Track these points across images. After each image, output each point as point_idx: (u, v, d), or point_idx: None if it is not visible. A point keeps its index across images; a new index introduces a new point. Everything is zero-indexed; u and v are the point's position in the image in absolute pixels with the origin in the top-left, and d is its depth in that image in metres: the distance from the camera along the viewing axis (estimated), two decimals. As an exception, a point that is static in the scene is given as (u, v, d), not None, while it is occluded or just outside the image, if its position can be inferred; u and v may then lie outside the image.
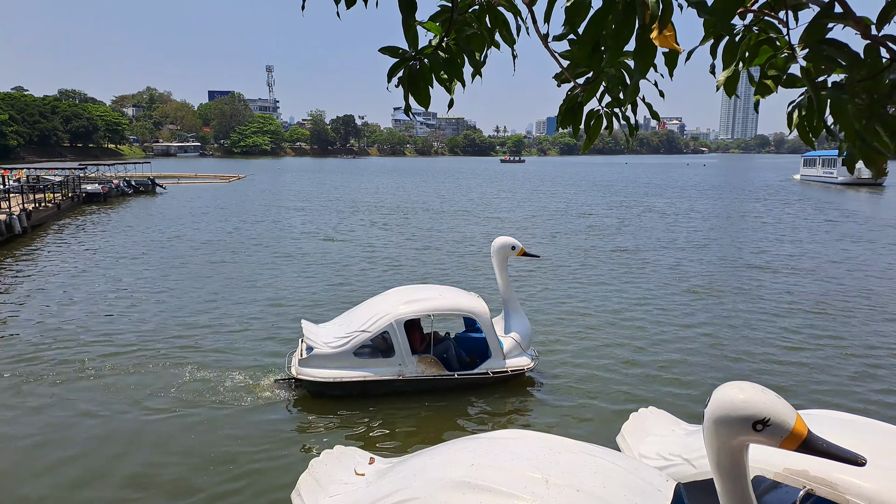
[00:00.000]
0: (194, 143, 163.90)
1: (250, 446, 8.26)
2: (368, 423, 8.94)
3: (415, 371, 9.57)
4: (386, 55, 2.19)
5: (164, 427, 8.82)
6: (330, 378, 9.34)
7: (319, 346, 9.48)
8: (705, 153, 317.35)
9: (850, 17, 1.71)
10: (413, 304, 9.61)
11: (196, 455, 8.05)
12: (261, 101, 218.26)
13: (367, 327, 9.44)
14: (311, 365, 9.43)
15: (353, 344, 9.39)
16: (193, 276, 18.31)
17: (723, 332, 13.11)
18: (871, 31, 1.73)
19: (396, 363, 9.52)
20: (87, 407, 9.43)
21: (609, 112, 2.36)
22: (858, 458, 3.10)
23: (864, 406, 9.48)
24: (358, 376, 9.41)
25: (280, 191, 53.81)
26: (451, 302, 9.78)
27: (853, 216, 35.42)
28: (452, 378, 9.72)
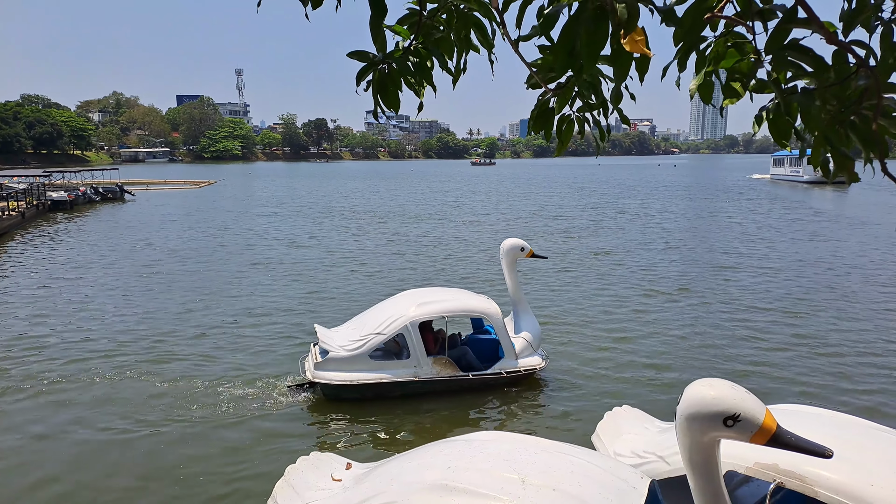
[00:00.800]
0: (163, 149, 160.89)
1: (267, 449, 8.28)
2: (384, 425, 9.00)
3: (430, 372, 9.65)
4: (354, 59, 2.18)
5: (182, 434, 8.75)
6: (346, 381, 9.38)
7: (334, 349, 9.52)
8: (676, 154, 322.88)
9: (813, 23, 1.74)
10: (427, 306, 9.69)
11: (213, 461, 8.00)
12: (231, 105, 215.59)
13: (381, 329, 9.50)
14: (327, 368, 9.47)
15: (369, 346, 9.45)
16: (168, 284, 17.97)
17: (697, 331, 13.34)
18: (837, 36, 1.77)
19: (412, 365, 9.61)
20: (90, 420, 9.19)
21: (581, 117, 2.38)
22: (825, 451, 3.17)
23: (830, 400, 9.72)
24: (374, 378, 9.47)
25: (252, 196, 53.16)
26: (464, 304, 9.94)
27: (820, 214, 36.37)
28: (467, 378, 9.83)
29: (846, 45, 1.77)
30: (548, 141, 2.40)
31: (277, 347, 12.41)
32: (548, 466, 4.12)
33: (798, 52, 1.83)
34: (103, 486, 7.47)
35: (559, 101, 2.22)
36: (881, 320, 14.04)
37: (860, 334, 13.03)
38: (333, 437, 8.75)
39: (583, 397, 10.01)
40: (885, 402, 9.71)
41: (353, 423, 9.09)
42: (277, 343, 12.68)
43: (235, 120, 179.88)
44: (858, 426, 4.81)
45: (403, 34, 2.23)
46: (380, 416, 9.27)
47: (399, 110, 2.25)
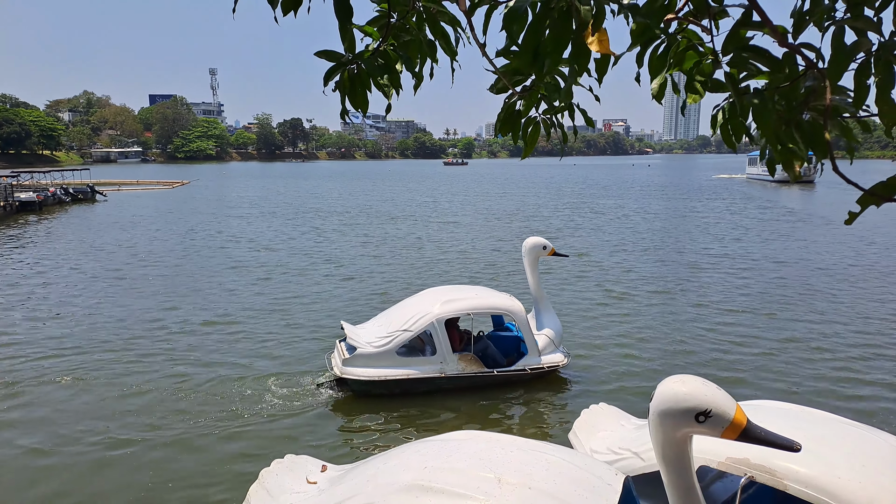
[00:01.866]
0: (135, 149, 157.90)
1: (302, 445, 8.35)
2: (412, 420, 9.17)
3: (456, 369, 9.81)
4: (323, 59, 2.16)
5: (219, 433, 8.76)
6: (374, 377, 9.54)
7: (362, 345, 9.63)
8: (650, 154, 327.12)
9: (766, 25, 1.79)
10: (452, 304, 9.83)
11: (245, 458, 8.03)
12: (204, 104, 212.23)
13: (408, 326, 9.63)
14: (355, 364, 9.61)
15: (396, 343, 9.59)
16: (145, 286, 17.65)
17: (670, 328, 13.52)
18: (788, 39, 1.81)
19: (438, 361, 9.76)
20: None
21: (546, 119, 2.40)
22: (794, 445, 3.23)
23: (799, 395, 9.95)
24: (401, 374, 9.63)
25: (227, 196, 52.46)
26: (489, 301, 10.08)
27: (788, 213, 37.16)
28: (491, 375, 9.99)
29: (796, 47, 1.82)
30: (515, 143, 2.42)
31: (298, 344, 12.50)
32: (523, 465, 4.14)
33: (754, 53, 1.88)
34: (126, 489, 7.43)
35: (526, 104, 2.23)
36: (849, 317, 14.40)
37: (829, 331, 13.34)
38: (359, 433, 8.87)
39: (597, 394, 10.07)
40: (854, 396, 9.95)
41: (379, 418, 9.22)
42: (296, 341, 12.73)
43: (209, 120, 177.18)
44: (825, 420, 4.92)
45: (374, 35, 2.22)
46: (405, 412, 9.43)
47: (367, 111, 2.24)
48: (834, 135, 1.95)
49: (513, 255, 22.83)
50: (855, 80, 1.85)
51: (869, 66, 1.81)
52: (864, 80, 1.85)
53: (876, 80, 1.81)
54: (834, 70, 1.77)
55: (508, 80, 2.22)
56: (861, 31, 1.77)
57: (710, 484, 5.56)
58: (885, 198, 1.74)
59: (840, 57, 1.75)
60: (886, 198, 1.74)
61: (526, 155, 2.44)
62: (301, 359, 11.68)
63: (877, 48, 1.79)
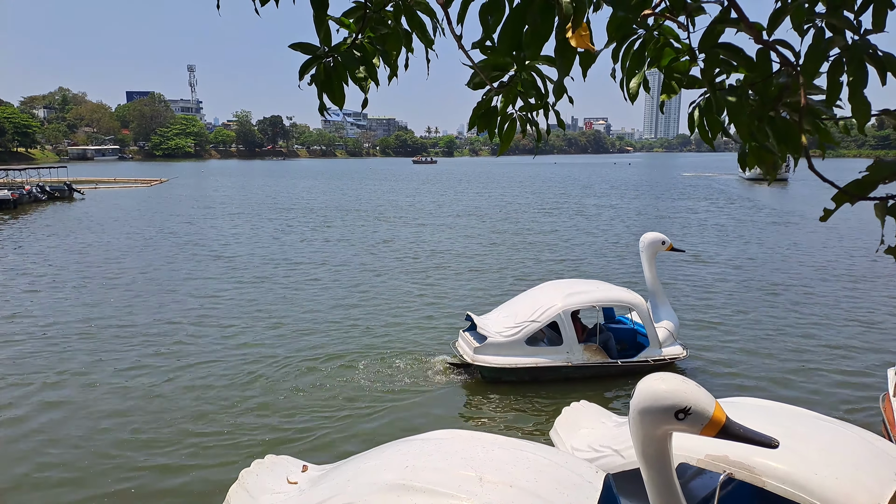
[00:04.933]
0: (112, 147, 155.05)
1: (432, 420, 8.99)
2: (539, 408, 9.42)
3: (581, 358, 10.16)
4: (298, 51, 2.12)
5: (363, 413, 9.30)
6: (505, 364, 9.95)
7: (492, 335, 10.03)
8: (631, 152, 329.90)
9: (743, 23, 1.79)
10: (577, 296, 10.20)
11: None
12: (183, 101, 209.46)
13: (536, 317, 10.01)
14: (487, 352, 10.02)
15: (525, 333, 9.96)
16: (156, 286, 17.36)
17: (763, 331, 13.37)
18: (763, 36, 1.82)
19: (564, 351, 10.13)
20: None
21: (523, 116, 2.38)
22: (772, 441, 3.26)
23: (777, 393, 10.09)
24: (530, 363, 10.03)
25: (207, 195, 51.81)
26: (613, 294, 10.47)
27: (765, 210, 37.73)
28: (615, 365, 10.31)
29: (770, 44, 1.83)
30: (492, 139, 2.40)
31: (423, 333, 13.10)
32: (504, 463, 4.13)
33: (730, 52, 1.89)
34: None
35: (504, 99, 2.21)
36: (826, 313, 14.65)
37: (806, 329, 13.55)
38: (483, 414, 9.38)
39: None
40: (829, 393, 10.11)
41: (502, 403, 9.64)
42: (420, 330, 13.30)
43: (188, 117, 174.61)
44: (802, 417, 4.99)
45: (350, 27, 2.18)
46: (528, 398, 9.78)
47: (343, 105, 2.20)
48: (809, 135, 1.96)
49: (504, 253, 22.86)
50: (828, 78, 1.86)
51: (842, 63, 1.82)
52: (837, 78, 1.86)
53: (849, 78, 1.83)
54: (809, 66, 1.78)
55: (486, 75, 2.19)
56: (838, 30, 1.78)
57: (690, 481, 5.61)
58: (858, 196, 1.75)
59: (815, 54, 1.76)
60: (860, 196, 1.75)
61: (502, 151, 2.43)
62: (425, 346, 12.29)
63: (850, 46, 1.80)
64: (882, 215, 1.73)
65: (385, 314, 14.58)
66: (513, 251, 23.43)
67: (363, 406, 9.59)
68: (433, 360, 11.23)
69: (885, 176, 1.70)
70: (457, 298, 16.07)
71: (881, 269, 19.27)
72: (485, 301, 15.49)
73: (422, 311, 14.93)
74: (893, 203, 1.71)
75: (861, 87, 1.82)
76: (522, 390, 10.01)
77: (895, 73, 1.77)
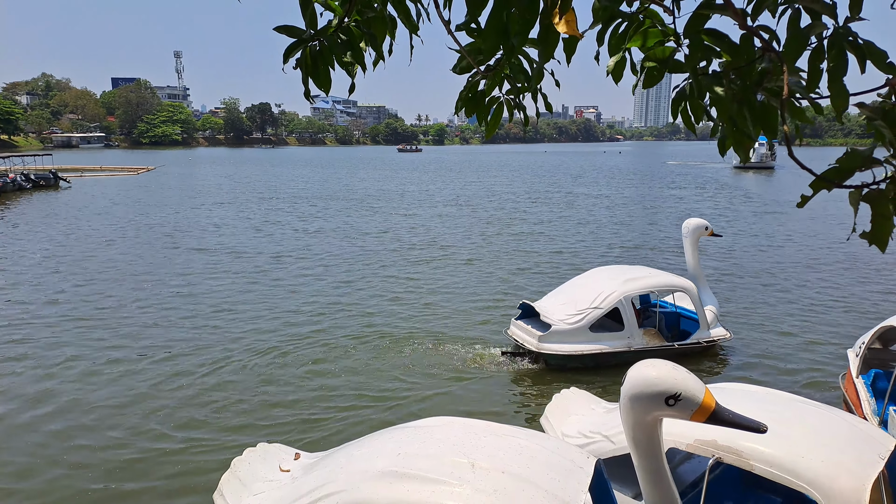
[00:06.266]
0: (98, 134, 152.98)
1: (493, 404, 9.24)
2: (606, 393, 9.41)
3: (641, 342, 10.37)
4: (282, 34, 2.08)
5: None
6: (571, 351, 10.10)
7: (556, 322, 10.17)
8: (621, 141, 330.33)
9: (729, 8, 1.80)
10: (634, 282, 10.42)
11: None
12: (169, 88, 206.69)
13: (598, 304, 10.18)
14: (552, 340, 10.16)
15: (589, 320, 10.13)
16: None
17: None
18: (747, 21, 1.82)
19: (626, 336, 10.32)
20: None
21: (510, 100, 2.36)
22: (760, 426, 3.30)
23: (765, 378, 10.21)
24: (595, 349, 10.21)
25: (197, 183, 51.36)
26: (667, 279, 10.71)
27: (759, 199, 38.00)
28: (671, 348, 10.55)
29: (754, 29, 1.84)
30: (480, 124, 2.38)
31: (474, 318, 13.26)
32: (496, 450, 4.15)
33: (714, 37, 1.91)
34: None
35: (489, 83, 2.19)
36: (810, 298, 14.81)
37: (791, 315, 13.71)
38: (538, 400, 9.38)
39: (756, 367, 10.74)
40: (813, 379, 10.25)
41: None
42: (470, 316, 13.44)
43: (175, 104, 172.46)
44: (789, 401, 5.06)
45: (336, 11, 2.14)
46: (592, 382, 9.87)
47: (330, 90, 2.17)
48: (790, 120, 1.98)
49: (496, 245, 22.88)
50: (809, 65, 1.87)
51: (822, 50, 1.83)
52: (817, 65, 1.88)
53: (829, 65, 1.84)
54: (790, 52, 1.80)
55: (472, 59, 2.17)
56: (816, 14, 1.78)
57: (679, 465, 5.68)
58: (835, 183, 1.77)
59: (796, 40, 1.78)
60: (837, 183, 1.77)
61: (489, 136, 2.42)
62: (478, 332, 12.48)
63: (831, 34, 1.81)
64: (856, 203, 1.76)
65: (434, 299, 14.57)
66: (501, 243, 23.46)
67: (406, 391, 9.74)
68: (486, 351, 11.22)
69: (858, 165, 1.73)
70: (459, 288, 16.09)
71: (844, 256, 19.48)
72: (502, 290, 15.53)
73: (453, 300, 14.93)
74: (867, 191, 1.73)
75: (841, 75, 1.84)
76: (585, 375, 10.15)
77: (875, 62, 1.78)
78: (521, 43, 1.93)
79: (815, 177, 1.77)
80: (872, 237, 1.75)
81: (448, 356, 11.02)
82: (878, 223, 1.72)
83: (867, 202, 1.73)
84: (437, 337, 12.05)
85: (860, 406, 7.41)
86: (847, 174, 1.73)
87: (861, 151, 1.71)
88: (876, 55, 1.76)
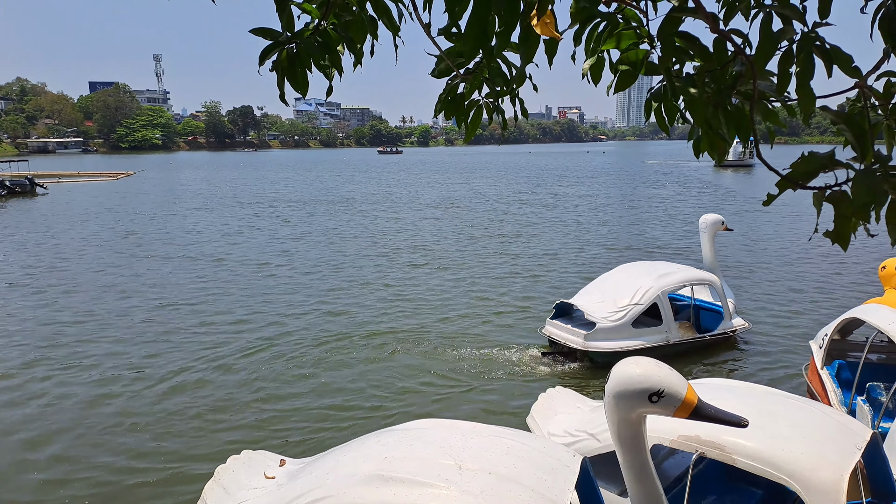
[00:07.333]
0: (75, 139, 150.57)
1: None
2: None
3: (677, 336, 10.65)
4: (258, 37, 2.07)
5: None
6: (617, 348, 10.17)
7: (600, 320, 10.32)
8: (604, 141, 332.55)
9: (700, 12, 1.83)
10: (667, 277, 10.74)
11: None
12: (149, 92, 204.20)
13: (637, 300, 10.37)
14: (597, 338, 10.30)
15: (631, 316, 10.33)
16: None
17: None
18: (720, 24, 1.86)
19: (664, 330, 10.57)
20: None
21: (489, 103, 2.38)
22: (741, 421, 3.35)
23: (745, 372, 10.36)
24: (637, 345, 10.31)
25: (178, 188, 50.81)
26: (695, 273, 11.05)
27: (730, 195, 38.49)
28: (703, 339, 10.96)
29: (726, 33, 1.88)
30: (459, 127, 2.39)
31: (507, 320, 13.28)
32: (483, 451, 4.16)
33: (686, 40, 1.94)
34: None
35: (469, 87, 2.20)
36: (785, 293, 15.04)
37: (768, 311, 13.90)
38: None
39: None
40: (781, 370, 10.45)
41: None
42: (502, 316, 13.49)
43: (155, 108, 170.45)
44: (769, 395, 5.13)
45: (313, 13, 2.14)
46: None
47: (307, 94, 2.17)
48: (761, 122, 2.02)
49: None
50: (779, 68, 1.92)
51: (792, 54, 1.88)
52: (786, 68, 1.93)
53: (797, 69, 1.89)
54: (760, 56, 1.84)
55: (452, 61, 2.18)
56: (787, 19, 1.83)
57: (663, 461, 5.74)
58: (800, 184, 1.81)
59: (766, 44, 1.83)
60: (801, 184, 1.81)
61: (469, 138, 2.43)
62: (515, 332, 12.52)
63: (799, 38, 1.86)
64: (819, 204, 1.81)
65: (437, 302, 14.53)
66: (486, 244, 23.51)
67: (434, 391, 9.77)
68: (525, 352, 11.26)
69: (814, 168, 1.78)
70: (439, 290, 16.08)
71: (816, 251, 19.85)
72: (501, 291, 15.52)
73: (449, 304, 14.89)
74: (830, 192, 1.78)
75: (808, 79, 1.89)
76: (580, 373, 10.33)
77: (840, 66, 1.84)
78: (502, 46, 1.94)
79: (781, 177, 1.81)
80: (835, 236, 1.80)
81: (446, 359, 11.01)
82: (840, 223, 1.77)
83: (830, 203, 1.78)
84: (431, 340, 12.03)
85: (826, 397, 7.57)
86: (810, 175, 1.78)
87: (819, 155, 1.76)
88: (842, 59, 1.81)
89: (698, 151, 2.15)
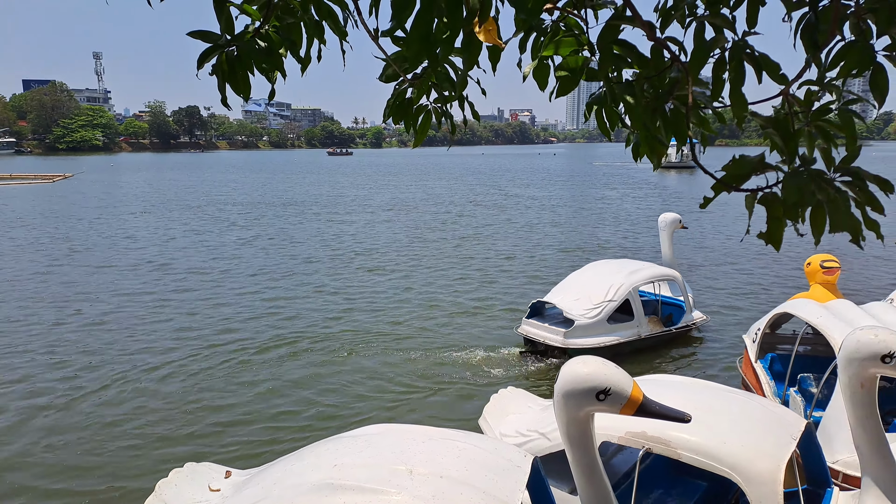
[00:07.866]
0: (8, 139, 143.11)
1: None
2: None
3: (647, 330, 10.96)
4: (197, 40, 2.01)
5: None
6: (595, 344, 10.34)
7: (578, 318, 10.46)
8: (554, 143, 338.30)
9: (637, 20, 1.89)
10: (637, 274, 11.00)
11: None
12: (88, 91, 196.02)
13: (612, 297, 10.59)
14: (576, 335, 10.42)
15: (606, 312, 10.54)
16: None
17: None
18: (656, 33, 1.92)
19: (635, 325, 10.85)
20: None
21: (437, 108, 2.38)
22: (685, 416, 3.45)
23: (684, 365, 10.72)
24: (613, 340, 10.57)
25: (118, 191, 48.87)
26: (660, 269, 11.43)
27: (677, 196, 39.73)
28: (670, 332, 11.35)
29: (662, 41, 1.95)
30: (407, 131, 2.39)
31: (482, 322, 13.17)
32: (434, 455, 4.14)
33: (625, 48, 2.00)
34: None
35: (417, 91, 2.20)
36: (726, 289, 15.62)
37: (706, 306, 14.42)
38: None
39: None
40: (727, 364, 10.83)
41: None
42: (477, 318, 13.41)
43: (95, 107, 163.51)
44: (710, 389, 5.32)
45: (254, 15, 2.09)
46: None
47: (249, 97, 2.12)
48: (695, 126, 2.10)
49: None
50: (712, 75, 2.01)
51: (724, 61, 1.96)
52: (720, 75, 2.01)
53: (730, 76, 1.98)
54: (694, 63, 1.91)
55: (399, 66, 2.17)
56: (718, 28, 1.91)
57: (612, 457, 5.87)
58: (733, 187, 1.88)
59: (700, 52, 1.91)
60: (735, 187, 1.88)
61: (417, 144, 2.43)
62: (470, 334, 12.52)
63: (731, 46, 1.94)
64: (751, 206, 1.89)
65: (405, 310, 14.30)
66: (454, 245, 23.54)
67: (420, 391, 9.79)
68: (500, 351, 11.29)
69: (746, 171, 1.85)
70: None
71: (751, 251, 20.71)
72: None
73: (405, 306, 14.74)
74: (762, 195, 1.85)
75: (739, 85, 1.98)
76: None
77: (769, 73, 1.93)
78: (446, 52, 1.94)
79: (716, 180, 1.88)
80: (768, 237, 1.87)
81: (400, 363, 10.95)
82: (772, 225, 1.84)
83: (762, 205, 1.85)
84: (385, 344, 11.91)
85: (760, 388, 7.92)
86: (742, 178, 1.85)
87: (749, 158, 1.84)
88: (770, 66, 1.90)
89: (637, 155, 2.21)
